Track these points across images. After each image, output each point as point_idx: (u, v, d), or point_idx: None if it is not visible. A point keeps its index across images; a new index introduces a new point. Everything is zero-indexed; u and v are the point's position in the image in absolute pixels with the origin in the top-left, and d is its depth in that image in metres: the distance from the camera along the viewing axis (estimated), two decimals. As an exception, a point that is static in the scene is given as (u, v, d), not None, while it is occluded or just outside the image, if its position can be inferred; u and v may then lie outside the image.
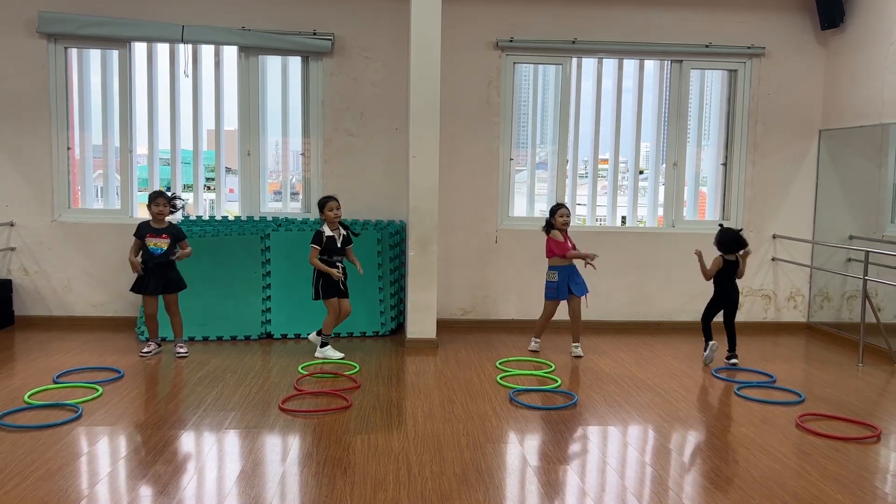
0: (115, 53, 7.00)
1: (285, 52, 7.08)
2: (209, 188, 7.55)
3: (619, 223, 7.68)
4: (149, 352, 5.88)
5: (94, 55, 7.09)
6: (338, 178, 7.08)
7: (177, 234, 5.89)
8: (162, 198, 5.85)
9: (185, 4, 6.89)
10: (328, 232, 5.89)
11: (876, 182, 6.83)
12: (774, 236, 7.50)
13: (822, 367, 6.06)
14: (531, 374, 5.59)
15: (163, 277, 5.81)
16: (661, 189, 7.60)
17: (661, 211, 7.64)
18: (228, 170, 7.53)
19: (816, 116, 7.42)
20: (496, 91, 7.16)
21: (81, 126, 7.14)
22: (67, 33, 6.77)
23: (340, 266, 5.92)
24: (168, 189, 7.14)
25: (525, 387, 5.25)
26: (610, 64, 7.38)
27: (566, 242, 6.11)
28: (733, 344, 6.02)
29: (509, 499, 3.49)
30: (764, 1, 7.27)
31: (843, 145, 7.19)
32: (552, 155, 7.48)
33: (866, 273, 6.12)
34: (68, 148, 7.01)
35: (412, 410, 4.74)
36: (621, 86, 7.41)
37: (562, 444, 4.22)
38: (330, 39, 6.96)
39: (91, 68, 7.14)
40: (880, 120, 6.59)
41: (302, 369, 5.54)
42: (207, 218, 7.05)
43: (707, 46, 7.25)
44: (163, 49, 7.06)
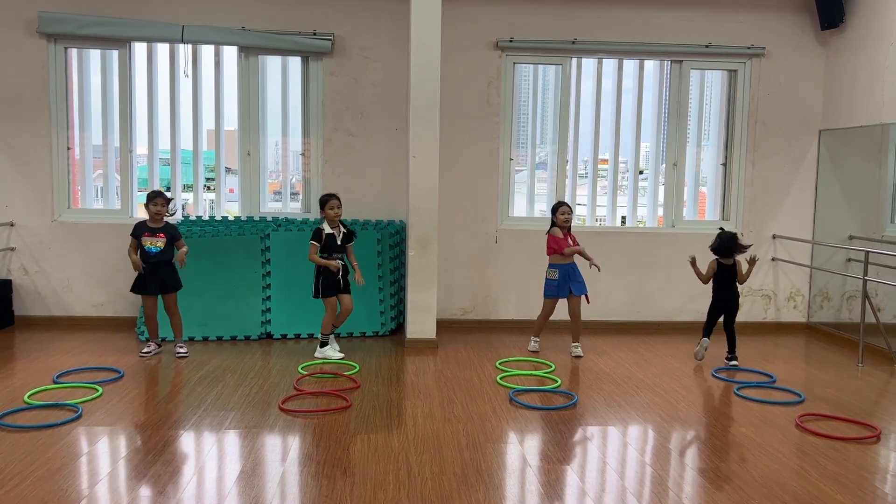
0: (115, 53, 7.01)
1: (285, 52, 7.08)
2: (209, 188, 7.55)
3: (619, 223, 7.68)
4: (149, 352, 5.89)
5: (94, 55, 7.09)
6: (338, 178, 7.08)
7: (173, 234, 5.88)
8: (160, 197, 5.86)
9: (185, 4, 6.89)
10: (328, 229, 5.89)
11: (876, 182, 6.83)
12: (774, 236, 7.50)
13: (822, 368, 6.06)
14: (531, 375, 5.60)
15: (159, 277, 5.82)
16: (661, 189, 7.60)
17: (661, 211, 7.64)
18: (228, 170, 7.53)
19: (816, 116, 7.42)
20: (496, 91, 7.16)
21: (81, 126, 7.14)
22: (67, 33, 6.77)
23: (340, 263, 5.92)
24: (168, 189, 7.15)
25: (525, 387, 5.25)
26: (610, 64, 7.38)
27: (565, 239, 6.11)
28: (733, 346, 6.01)
29: (509, 499, 3.49)
30: (764, 1, 7.27)
31: (843, 145, 7.19)
32: (552, 155, 7.48)
33: (866, 273, 6.12)
34: (68, 148, 7.01)
35: (412, 410, 4.74)
36: (621, 86, 7.41)
37: (562, 444, 4.22)
38: (330, 39, 6.96)
39: (91, 68, 7.14)
40: (880, 120, 6.59)
41: (302, 369, 5.54)
42: (207, 218, 7.05)
43: (707, 46, 7.25)
44: (163, 49, 7.06)
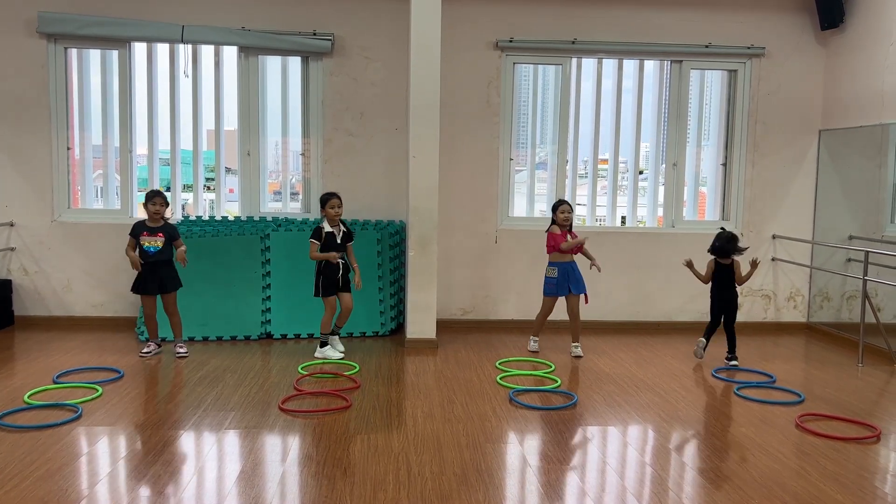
0: (115, 53, 7.00)
1: (285, 53, 7.08)
2: (209, 188, 7.55)
3: (619, 223, 7.68)
4: (149, 352, 5.89)
5: (94, 55, 7.09)
6: (338, 178, 7.08)
7: (171, 234, 5.88)
8: (159, 197, 5.86)
9: (185, 4, 6.89)
10: (328, 228, 5.90)
11: (876, 182, 6.83)
12: (774, 236, 7.50)
13: (822, 367, 6.06)
14: (531, 375, 5.60)
15: (157, 277, 5.82)
16: (661, 189, 7.60)
17: (661, 211, 7.64)
18: (228, 170, 7.53)
19: (816, 116, 7.42)
20: (496, 91, 7.16)
21: (81, 126, 7.14)
22: (67, 33, 6.77)
23: (341, 260, 5.93)
24: (168, 189, 7.15)
25: (525, 387, 5.25)
26: (610, 64, 7.38)
27: (563, 235, 6.10)
28: (733, 346, 6.01)
29: (509, 499, 3.49)
30: (764, 1, 7.27)
31: (843, 145, 7.19)
32: (552, 155, 7.48)
33: (866, 273, 6.12)
34: (68, 148, 7.01)
35: (412, 410, 4.74)
36: (621, 86, 7.41)
37: (562, 444, 4.22)
38: (330, 39, 6.96)
39: (91, 68, 7.14)
40: (880, 120, 6.59)
41: (302, 369, 5.54)
42: (207, 218, 7.05)
43: (707, 46, 7.25)
44: (163, 49, 7.06)
